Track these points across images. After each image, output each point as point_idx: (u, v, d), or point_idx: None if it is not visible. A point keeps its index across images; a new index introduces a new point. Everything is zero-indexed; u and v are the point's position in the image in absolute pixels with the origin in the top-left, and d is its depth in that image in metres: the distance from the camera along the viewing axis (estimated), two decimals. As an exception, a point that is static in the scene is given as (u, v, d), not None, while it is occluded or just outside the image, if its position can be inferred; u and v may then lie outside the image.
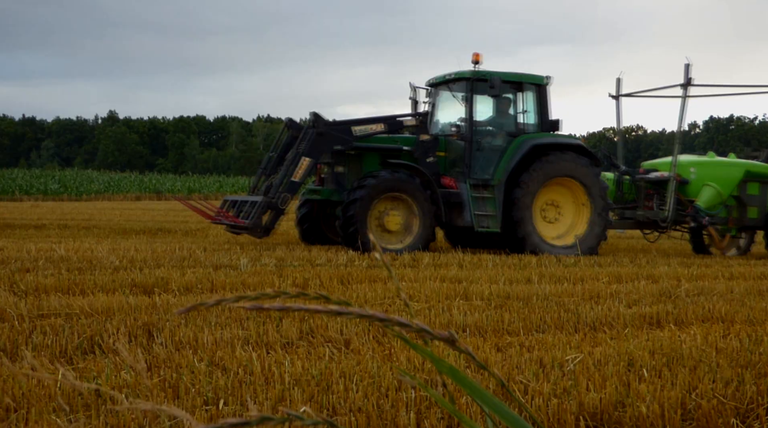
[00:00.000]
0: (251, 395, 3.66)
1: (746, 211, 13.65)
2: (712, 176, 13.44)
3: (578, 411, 3.57)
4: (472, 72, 12.05)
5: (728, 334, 5.58)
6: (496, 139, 12.31)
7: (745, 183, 13.55)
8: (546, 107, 12.52)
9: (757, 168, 13.91)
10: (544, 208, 12.27)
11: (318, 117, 11.62)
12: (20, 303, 5.66)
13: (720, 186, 13.33)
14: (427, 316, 5.86)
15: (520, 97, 12.47)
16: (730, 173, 13.56)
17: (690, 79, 13.07)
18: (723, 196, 13.35)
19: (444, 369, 1.00)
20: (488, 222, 11.82)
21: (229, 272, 7.87)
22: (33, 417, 3.29)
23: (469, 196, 11.77)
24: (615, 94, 14.76)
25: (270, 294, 0.95)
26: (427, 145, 12.04)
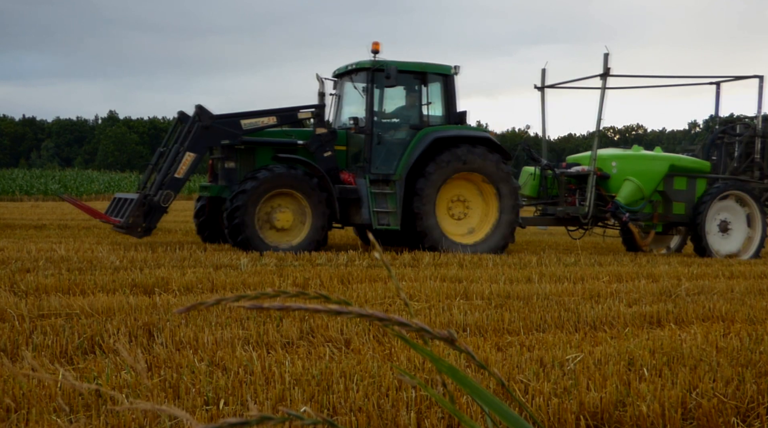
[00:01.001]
0: (251, 395, 3.66)
1: (672, 207, 13.13)
2: (633, 171, 12.91)
3: (579, 410, 3.57)
4: (371, 62, 11.50)
5: (729, 333, 5.58)
6: (399, 132, 11.82)
7: (672, 177, 13.02)
8: (453, 99, 11.99)
9: (682, 162, 13.39)
10: (450, 205, 11.77)
11: (202, 110, 11.12)
12: (20, 304, 5.66)
13: (641, 181, 12.81)
14: (427, 316, 5.86)
15: (426, 87, 11.86)
16: (654, 167, 13.01)
17: (608, 69, 12.57)
18: (644, 191, 12.82)
19: (444, 368, 1.00)
20: (388, 220, 11.29)
21: (230, 272, 7.87)
22: (33, 418, 3.29)
23: (369, 191, 11.22)
24: (540, 86, 14.35)
25: (270, 293, 0.94)
26: (324, 139, 11.48)
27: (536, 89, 14.45)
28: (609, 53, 12.56)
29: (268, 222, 10.78)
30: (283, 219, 10.81)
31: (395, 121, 12.03)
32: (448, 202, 11.71)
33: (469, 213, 11.87)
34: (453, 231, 11.65)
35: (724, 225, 12.99)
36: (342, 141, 11.72)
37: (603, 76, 12.68)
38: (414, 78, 11.79)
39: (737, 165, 13.97)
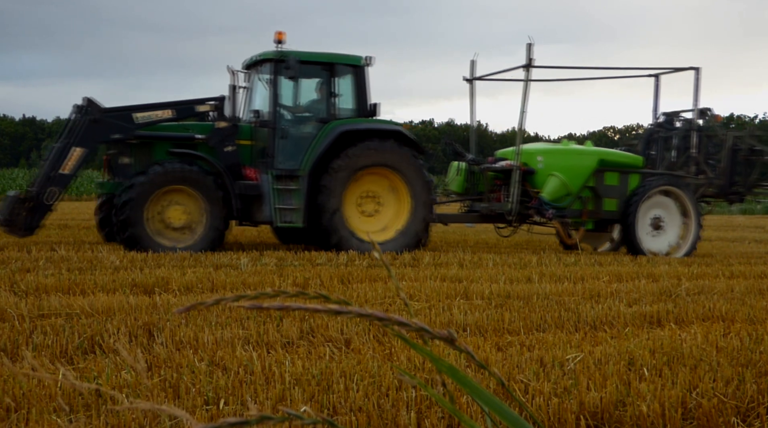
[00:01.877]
0: (252, 395, 3.66)
1: (603, 203, 12.51)
2: (559, 165, 12.34)
3: (579, 410, 3.57)
4: (275, 53, 10.95)
5: (729, 333, 5.57)
6: (307, 125, 11.26)
7: (602, 173, 12.43)
8: (364, 91, 11.37)
9: (612, 156, 12.89)
10: (361, 202, 11.24)
11: (91, 102, 10.54)
12: (21, 303, 5.67)
13: (568, 176, 12.24)
14: (427, 315, 5.86)
15: (336, 79, 11.28)
16: (582, 162, 12.45)
17: (531, 59, 11.99)
18: (570, 187, 12.24)
19: (443, 368, 0.99)
20: (293, 217, 10.76)
21: (230, 271, 7.87)
22: (33, 417, 3.29)
23: (272, 188, 10.69)
24: (469, 77, 13.73)
25: (269, 293, 0.94)
26: (225, 133, 10.90)
27: (465, 81, 13.83)
28: (533, 43, 11.95)
29: (162, 221, 10.30)
30: (176, 218, 10.34)
31: (302, 114, 11.48)
32: (358, 199, 11.20)
33: (382, 210, 11.34)
34: (364, 229, 11.14)
35: (657, 223, 12.53)
36: (247, 135, 11.14)
37: (526, 67, 12.10)
38: (322, 69, 11.25)
39: (675, 160, 13.57)
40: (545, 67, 12.70)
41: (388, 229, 11.27)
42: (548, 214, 12.04)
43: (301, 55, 10.92)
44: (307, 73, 11.30)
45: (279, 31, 10.89)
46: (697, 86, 13.25)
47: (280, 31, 10.90)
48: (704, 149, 13.58)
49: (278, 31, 10.88)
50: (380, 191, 11.31)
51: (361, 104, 11.39)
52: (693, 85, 13.27)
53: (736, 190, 13.84)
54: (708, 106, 13.91)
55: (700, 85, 13.24)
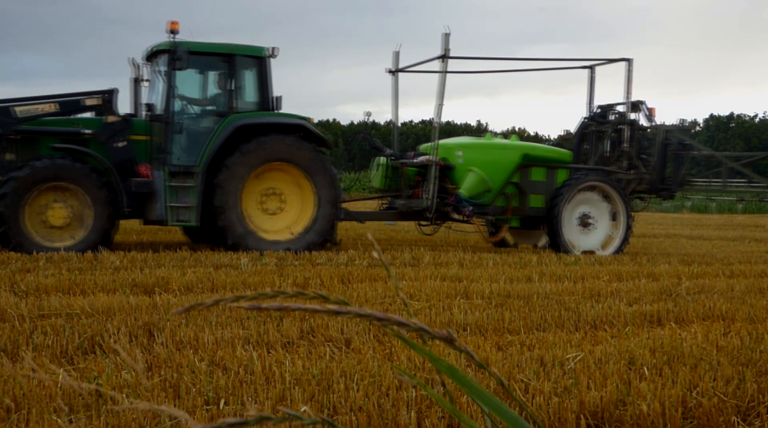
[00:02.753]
0: (252, 395, 3.67)
1: (529, 200, 12.06)
2: (480, 161, 11.80)
3: (579, 409, 3.57)
4: (168, 43, 10.40)
5: (729, 332, 5.57)
6: (205, 119, 10.76)
7: (528, 168, 11.97)
8: (266, 83, 10.89)
9: (538, 151, 12.43)
10: (263, 199, 10.75)
11: None
12: (21, 304, 5.67)
13: (488, 171, 11.73)
14: (427, 315, 5.86)
15: (236, 71, 10.79)
16: (504, 157, 11.92)
17: (447, 50, 11.44)
18: (490, 182, 11.73)
19: (443, 368, 0.99)
20: (188, 215, 10.25)
21: (230, 271, 7.87)
22: (33, 418, 3.29)
23: (165, 185, 10.18)
24: (393, 69, 13.17)
25: (269, 293, 0.94)
26: (116, 128, 10.33)
27: (389, 73, 13.25)
28: (449, 33, 11.46)
29: (42, 219, 9.81)
30: (58, 216, 9.85)
31: (201, 107, 11.00)
32: (260, 196, 10.71)
33: (286, 207, 10.85)
34: (267, 228, 10.68)
35: (585, 220, 12.04)
36: (142, 130, 10.55)
37: (442, 58, 11.56)
38: (222, 61, 10.77)
39: (608, 154, 13.03)
40: (460, 57, 12.15)
41: (292, 227, 10.81)
42: (466, 211, 11.57)
43: (196, 46, 10.50)
44: (205, 65, 10.91)
45: (172, 21, 10.36)
46: (629, 78, 12.76)
47: (173, 21, 10.36)
48: (636, 144, 13.08)
49: (171, 21, 10.35)
50: (284, 188, 10.84)
51: (264, 97, 10.90)
52: (624, 77, 12.82)
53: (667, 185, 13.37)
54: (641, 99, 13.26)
55: (631, 76, 12.76)
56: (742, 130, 78.98)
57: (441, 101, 11.73)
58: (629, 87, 12.84)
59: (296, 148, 10.63)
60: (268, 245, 10.38)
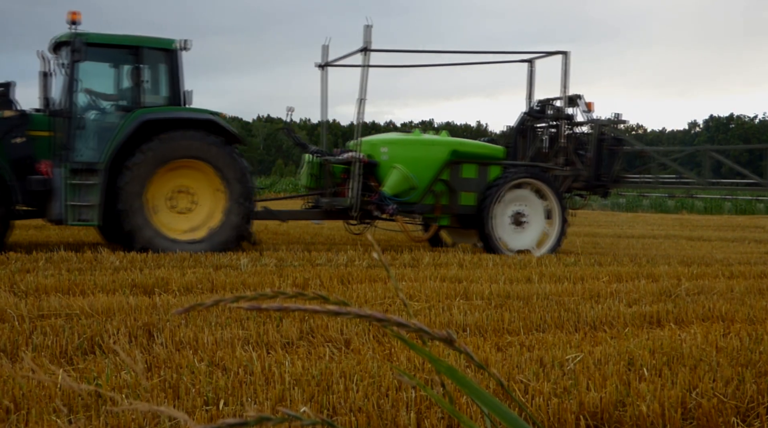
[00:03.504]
0: (251, 395, 3.67)
1: (459, 197, 11.53)
2: (405, 157, 11.34)
3: (578, 410, 3.57)
4: (69, 35, 9.93)
5: (728, 333, 5.58)
6: (111, 115, 10.29)
7: (458, 165, 11.47)
8: (177, 77, 10.46)
9: (468, 147, 11.92)
10: (173, 196, 10.24)
11: None
12: (20, 304, 5.67)
13: (414, 168, 11.25)
14: (427, 316, 5.86)
15: (143, 65, 10.36)
16: (431, 154, 11.44)
17: (368, 43, 11.02)
18: (414, 180, 11.22)
19: (442, 369, 0.99)
20: (90, 214, 9.74)
21: (230, 272, 7.87)
22: (33, 418, 3.29)
23: (65, 183, 9.65)
24: (321, 63, 12.64)
25: (268, 294, 0.94)
26: (12, 123, 9.78)
27: (318, 68, 12.74)
28: (371, 25, 11.05)
29: None
30: None
31: (108, 102, 10.52)
32: (170, 193, 10.25)
33: (197, 205, 10.37)
34: (176, 228, 10.20)
35: (519, 218, 11.61)
36: (44, 126, 9.98)
37: (364, 50, 11.15)
38: (128, 54, 10.30)
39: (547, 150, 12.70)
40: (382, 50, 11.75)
41: (204, 226, 10.33)
42: (389, 210, 11.10)
43: (97, 38, 10.10)
44: (112, 58, 10.53)
45: (73, 11, 9.85)
46: (566, 72, 12.36)
47: (74, 11, 9.85)
48: (573, 139, 12.70)
49: (72, 11, 9.84)
50: (195, 185, 10.35)
51: (175, 92, 10.48)
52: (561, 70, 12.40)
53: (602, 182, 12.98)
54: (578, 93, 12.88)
55: (568, 70, 12.37)
56: (741, 131, 79.01)
57: (363, 96, 11.27)
58: (566, 81, 12.45)
59: (204, 143, 10.19)
60: (179, 246, 9.92)
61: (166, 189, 10.22)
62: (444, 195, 11.57)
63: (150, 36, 10.45)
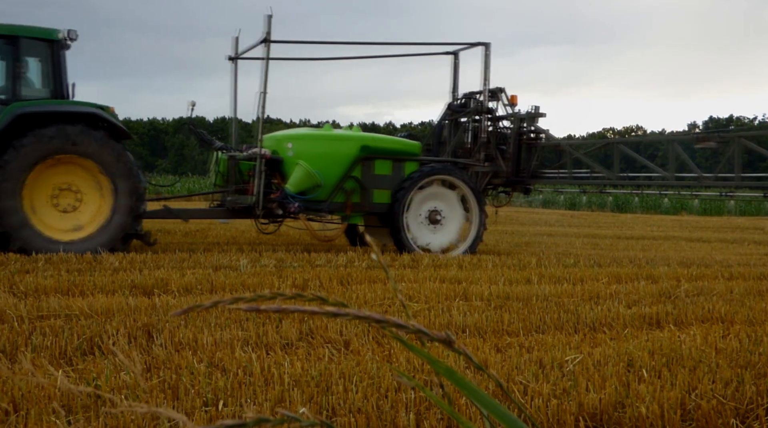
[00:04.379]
0: (251, 396, 3.66)
1: (372, 195, 11.03)
2: (311, 153, 10.84)
3: (578, 411, 3.57)
4: None
5: (728, 335, 5.58)
6: None
7: (371, 161, 11.00)
8: (60, 69, 9.98)
9: (380, 143, 11.38)
10: (57, 194, 9.70)
11: None
12: (20, 305, 5.66)
13: (320, 164, 10.75)
14: (426, 317, 5.86)
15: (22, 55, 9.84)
16: (339, 149, 10.95)
17: (268, 34, 10.62)
18: (318, 177, 10.72)
19: (441, 370, 0.99)
20: None
21: (229, 273, 7.87)
22: (32, 419, 3.29)
23: None
24: (233, 56, 12.09)
25: (267, 295, 0.94)
26: None
27: (229, 61, 12.20)
28: (271, 15, 10.66)
29: None
30: None
31: None
32: (53, 191, 9.70)
33: (82, 203, 9.84)
34: (59, 227, 9.69)
35: (434, 216, 11.18)
36: None
37: (264, 42, 10.76)
38: (5, 44, 9.77)
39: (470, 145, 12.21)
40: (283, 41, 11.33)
41: (90, 225, 9.83)
42: (291, 208, 10.65)
43: None
44: None
45: None
46: (487, 64, 11.91)
47: None
48: (495, 134, 12.18)
49: None
50: (79, 183, 9.82)
51: (58, 85, 9.98)
52: (481, 62, 11.92)
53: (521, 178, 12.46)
54: (501, 86, 12.37)
55: (489, 62, 11.91)
56: (741, 132, 78.93)
57: (264, 89, 10.82)
58: (486, 73, 11.94)
59: (85, 138, 9.61)
60: (61, 246, 9.43)
61: (47, 187, 9.70)
62: (356, 192, 11.07)
63: (30, 26, 9.93)
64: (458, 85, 12.89)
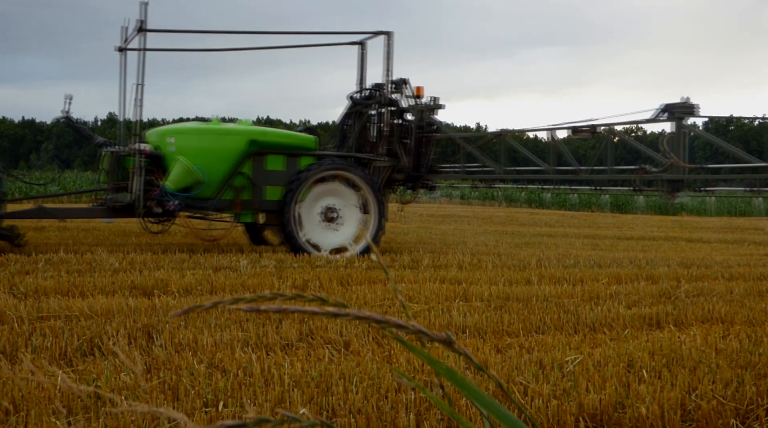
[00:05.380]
0: (251, 397, 3.66)
1: (264, 192, 10.52)
2: (193, 148, 10.30)
3: (578, 412, 3.57)
4: None
5: (728, 335, 5.58)
6: None
7: (263, 156, 10.47)
8: None
9: (270, 137, 10.80)
10: None
11: None
12: (20, 306, 5.66)
13: (203, 160, 10.25)
14: (426, 317, 5.86)
15: None
16: (224, 144, 10.41)
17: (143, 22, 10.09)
18: (199, 173, 10.20)
19: (441, 370, 0.99)
20: None
21: (229, 274, 7.87)
22: (32, 420, 3.29)
23: None
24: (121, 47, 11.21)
25: (267, 295, 0.94)
26: None
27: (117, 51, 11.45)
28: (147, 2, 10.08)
29: None
30: None
31: None
32: None
33: None
34: None
35: (330, 214, 10.66)
36: None
37: (139, 31, 10.21)
38: None
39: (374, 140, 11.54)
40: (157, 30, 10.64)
41: None
42: (170, 206, 10.10)
43: None
44: None
45: None
46: (389, 54, 11.32)
47: None
48: (398, 127, 11.52)
49: None
50: None
51: None
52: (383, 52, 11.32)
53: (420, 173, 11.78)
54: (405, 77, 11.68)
55: (392, 52, 11.32)
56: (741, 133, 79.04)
57: (141, 81, 10.26)
58: (389, 64, 11.33)
59: None
60: None
61: None
62: (246, 189, 10.51)
63: None
64: (365, 76, 12.09)
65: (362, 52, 12.06)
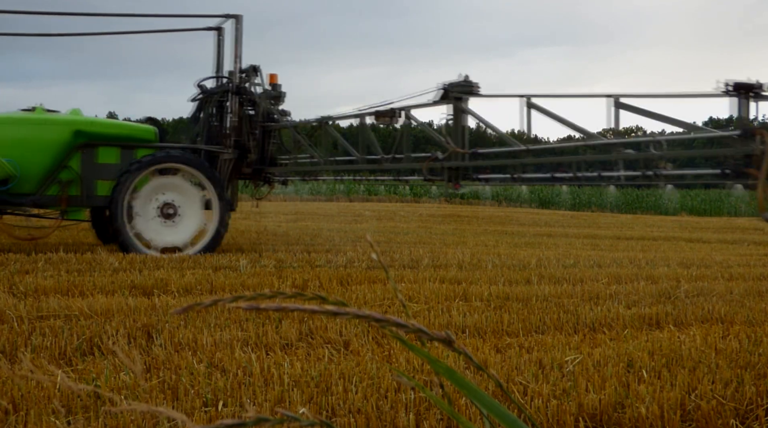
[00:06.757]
0: (250, 396, 3.66)
1: (95, 187, 9.83)
2: (6, 139, 9.49)
3: (577, 412, 3.57)
4: None
5: (728, 335, 5.58)
6: None
7: (93, 148, 9.76)
8: None
9: (99, 127, 10.06)
10: None
11: None
12: (19, 305, 5.66)
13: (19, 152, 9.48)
14: (426, 317, 5.86)
15: None
16: (44, 136, 9.60)
17: None
18: (10, 167, 9.43)
19: (441, 370, 0.99)
20: None
21: (229, 273, 7.87)
22: (32, 419, 3.28)
23: None
24: None
25: (267, 294, 0.94)
26: None
27: None
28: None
29: None
30: None
31: None
32: None
33: None
34: None
35: (167, 210, 9.96)
36: None
37: None
38: None
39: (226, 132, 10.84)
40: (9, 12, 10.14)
41: None
42: None
43: None
44: None
45: None
46: (238, 39, 10.77)
47: None
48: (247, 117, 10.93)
49: None
50: None
51: None
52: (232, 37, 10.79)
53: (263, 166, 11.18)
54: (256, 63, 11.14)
55: (240, 37, 10.77)
56: (741, 133, 78.88)
57: None
58: (238, 49, 10.76)
59: None
60: None
61: None
62: (75, 184, 9.81)
63: None
64: (222, 63, 11.36)
65: (220, 39, 11.34)
